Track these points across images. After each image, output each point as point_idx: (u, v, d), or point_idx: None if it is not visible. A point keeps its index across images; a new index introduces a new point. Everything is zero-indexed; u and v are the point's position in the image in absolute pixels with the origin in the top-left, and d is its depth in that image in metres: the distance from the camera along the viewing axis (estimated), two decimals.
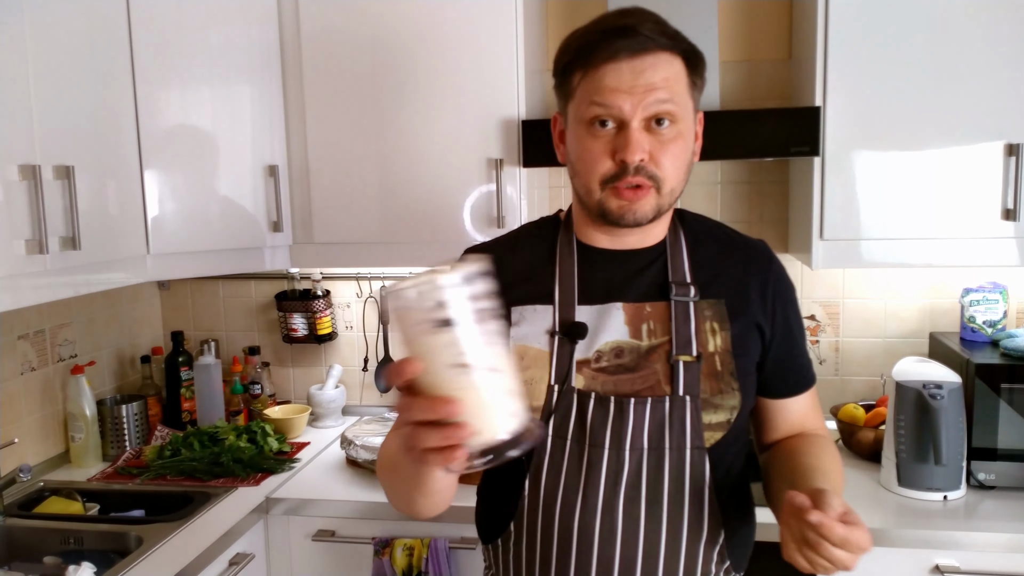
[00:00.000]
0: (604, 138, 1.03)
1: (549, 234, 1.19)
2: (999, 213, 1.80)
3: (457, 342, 0.71)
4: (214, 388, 2.36)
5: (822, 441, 1.18)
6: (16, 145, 1.49)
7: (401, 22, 1.97)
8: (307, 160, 2.07)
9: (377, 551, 1.79)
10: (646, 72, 1.00)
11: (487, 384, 0.74)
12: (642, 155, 1.01)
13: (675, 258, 1.14)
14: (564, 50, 1.08)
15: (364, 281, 2.44)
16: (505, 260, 1.15)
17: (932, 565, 1.62)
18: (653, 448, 1.07)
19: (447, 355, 0.72)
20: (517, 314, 1.12)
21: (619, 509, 1.07)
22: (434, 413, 0.73)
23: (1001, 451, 1.78)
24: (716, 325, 1.11)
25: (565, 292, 1.12)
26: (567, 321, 1.10)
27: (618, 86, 1.01)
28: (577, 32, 1.07)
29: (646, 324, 1.10)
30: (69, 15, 1.63)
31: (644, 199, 1.04)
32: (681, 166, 1.06)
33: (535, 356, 1.11)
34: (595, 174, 1.04)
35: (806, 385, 1.21)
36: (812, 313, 2.26)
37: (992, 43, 1.76)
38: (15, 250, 1.47)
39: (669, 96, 1.01)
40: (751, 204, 2.26)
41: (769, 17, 2.19)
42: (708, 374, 1.09)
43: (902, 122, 1.82)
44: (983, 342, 1.99)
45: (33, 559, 1.70)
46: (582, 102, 1.04)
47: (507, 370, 0.76)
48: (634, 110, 1.01)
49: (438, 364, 0.72)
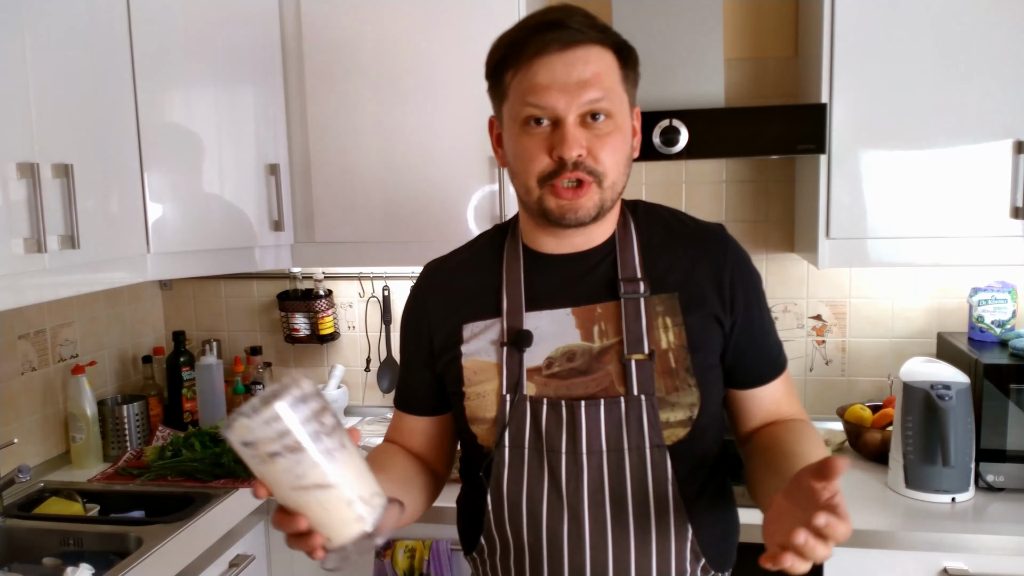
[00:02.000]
0: (540, 135, 1.02)
1: (498, 243, 1.18)
2: (1008, 211, 1.78)
3: (292, 468, 0.78)
4: (216, 388, 2.35)
5: (800, 425, 1.14)
6: (14, 143, 1.48)
7: (402, 20, 1.95)
8: (308, 159, 2.05)
9: (378, 553, 1.78)
10: (577, 65, 1.00)
11: (324, 501, 0.81)
12: (579, 150, 1.01)
13: (625, 253, 1.12)
14: (495, 49, 1.07)
15: (366, 281, 2.43)
16: (455, 278, 1.18)
17: (940, 568, 1.60)
18: (612, 450, 1.06)
19: (286, 479, 0.79)
20: (468, 331, 1.13)
21: (584, 514, 1.06)
22: (288, 528, 0.83)
23: (1010, 452, 1.76)
24: (669, 320, 1.09)
25: (512, 301, 1.12)
26: (514, 330, 1.10)
27: (551, 82, 1.00)
28: (506, 32, 1.06)
29: (597, 325, 1.09)
30: (68, 12, 1.62)
31: (586, 195, 1.03)
32: (620, 159, 1.05)
33: (486, 369, 1.11)
34: (532, 172, 1.03)
35: (776, 372, 1.17)
36: (818, 313, 2.24)
37: (1000, 40, 1.74)
38: (14, 249, 1.47)
39: (603, 93, 1.01)
40: (756, 203, 2.24)
41: (775, 14, 2.17)
42: (662, 372, 1.07)
43: (909, 119, 1.79)
44: (992, 342, 1.96)
45: (32, 560, 1.69)
46: (516, 102, 1.03)
47: (341, 482, 0.82)
48: (568, 107, 1.00)
49: (282, 487, 0.80)
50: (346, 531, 0.83)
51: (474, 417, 1.11)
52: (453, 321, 1.14)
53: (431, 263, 1.23)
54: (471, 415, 1.11)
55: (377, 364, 2.43)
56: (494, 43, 1.07)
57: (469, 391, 1.11)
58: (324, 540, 0.83)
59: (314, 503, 0.81)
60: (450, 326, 1.14)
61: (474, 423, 1.12)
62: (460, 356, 1.12)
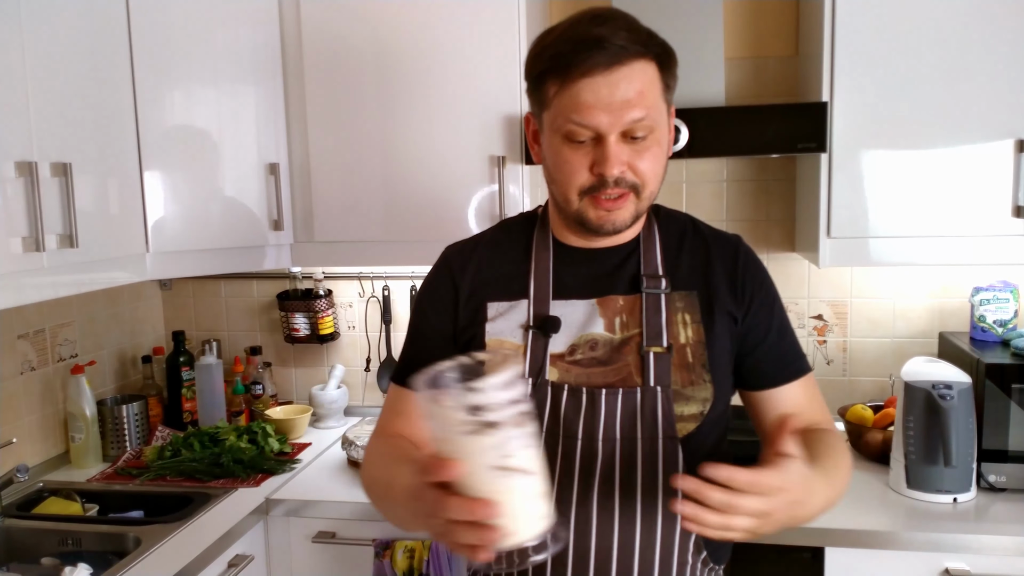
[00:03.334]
0: (582, 151, 1.04)
1: (527, 231, 1.21)
2: (1010, 210, 1.77)
3: (500, 445, 0.74)
4: (215, 388, 2.34)
5: (821, 433, 1.13)
6: (12, 141, 1.47)
7: (402, 19, 1.95)
8: (308, 158, 2.05)
9: (378, 553, 1.77)
10: (621, 84, 1.00)
11: (524, 487, 0.77)
12: (620, 168, 1.03)
13: (648, 252, 1.16)
14: (537, 57, 1.06)
15: (366, 281, 2.43)
16: (483, 258, 1.19)
17: (942, 569, 1.59)
18: (625, 439, 1.09)
19: (489, 457, 0.74)
20: (493, 310, 1.15)
21: (594, 501, 1.08)
22: (472, 515, 0.76)
23: (1012, 453, 1.75)
24: (688, 317, 1.13)
25: (540, 288, 1.15)
26: (541, 316, 1.13)
27: (595, 103, 1.00)
28: (550, 38, 1.04)
29: (619, 317, 1.13)
30: (67, 10, 1.62)
31: (624, 207, 1.06)
32: (659, 169, 1.07)
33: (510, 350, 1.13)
34: (573, 185, 1.05)
35: (793, 374, 1.17)
36: (819, 313, 2.23)
37: (1001, 39, 1.73)
38: (11, 248, 1.46)
39: (645, 112, 1.01)
40: (757, 202, 2.23)
41: (775, 13, 2.17)
42: (679, 365, 1.10)
43: (910, 118, 1.79)
44: (994, 342, 1.96)
45: (31, 560, 1.69)
46: (558, 116, 1.04)
47: (541, 472, 0.78)
48: (612, 127, 1.01)
49: (479, 465, 0.75)
50: (532, 527, 0.79)
51: None
52: (479, 298, 1.16)
53: (453, 245, 1.25)
54: None
55: (377, 364, 2.42)
56: (536, 46, 1.06)
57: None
58: (505, 535, 0.77)
59: (514, 488, 0.76)
60: (476, 303, 1.16)
61: None
62: (484, 333, 1.14)
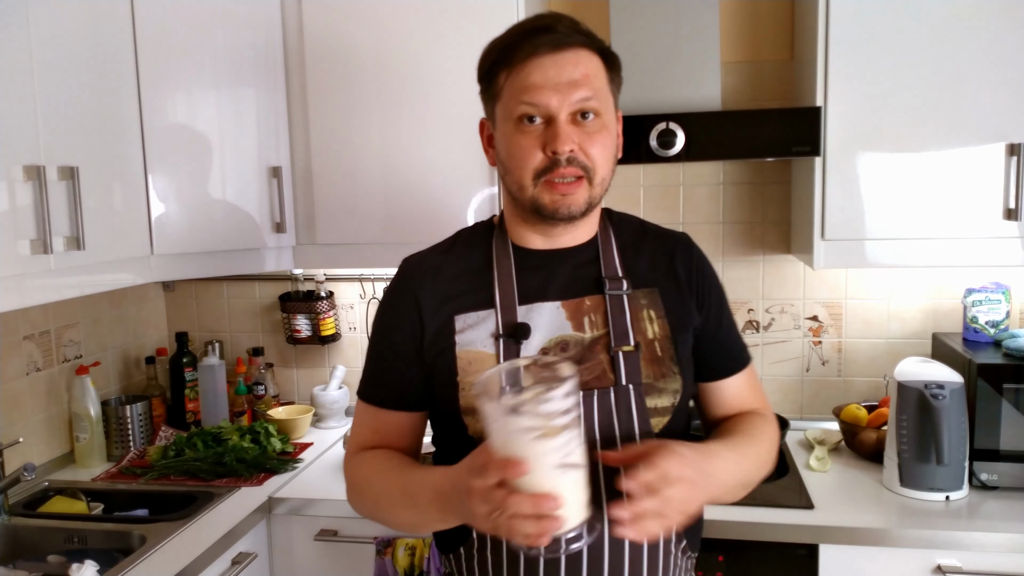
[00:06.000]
0: (533, 133, 1.08)
1: (485, 239, 1.22)
2: (1001, 213, 1.80)
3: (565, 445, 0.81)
4: (218, 389, 2.36)
5: (755, 417, 1.22)
6: (21, 145, 1.50)
7: (403, 23, 1.98)
8: (310, 161, 2.07)
9: (379, 551, 1.80)
10: (567, 67, 1.06)
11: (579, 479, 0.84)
12: (571, 145, 1.06)
13: (606, 254, 1.19)
14: (487, 54, 1.12)
15: (367, 282, 2.45)
16: (443, 270, 1.19)
17: (934, 565, 1.61)
18: (604, 437, 1.10)
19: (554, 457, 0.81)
20: (461, 322, 1.15)
21: None
22: (538, 510, 0.83)
23: (1003, 451, 1.78)
24: (653, 313, 1.16)
25: (505, 295, 1.15)
26: (510, 323, 1.13)
27: (543, 82, 1.05)
28: (498, 37, 1.12)
29: (587, 317, 1.15)
30: (73, 16, 1.65)
31: (578, 192, 1.08)
32: (609, 156, 1.11)
33: (481, 359, 1.13)
34: (527, 168, 1.08)
35: (739, 366, 1.25)
36: (814, 314, 2.26)
37: (993, 43, 1.76)
38: (20, 250, 1.49)
39: (592, 93, 1.06)
40: (753, 204, 2.26)
41: (771, 18, 2.20)
42: (649, 360, 1.14)
43: (903, 122, 1.81)
44: (986, 342, 1.98)
45: (37, 558, 1.71)
46: (509, 101, 1.08)
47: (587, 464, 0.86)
48: (560, 105, 1.05)
49: (544, 464, 0.82)
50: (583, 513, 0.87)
51: (468, 407, 1.12)
52: (445, 312, 1.16)
53: (410, 258, 1.23)
54: (466, 405, 1.12)
55: None
56: (486, 47, 1.13)
57: (464, 381, 1.13)
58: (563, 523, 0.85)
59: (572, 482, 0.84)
60: (442, 317, 1.16)
61: (467, 413, 1.12)
62: (454, 346, 1.14)
